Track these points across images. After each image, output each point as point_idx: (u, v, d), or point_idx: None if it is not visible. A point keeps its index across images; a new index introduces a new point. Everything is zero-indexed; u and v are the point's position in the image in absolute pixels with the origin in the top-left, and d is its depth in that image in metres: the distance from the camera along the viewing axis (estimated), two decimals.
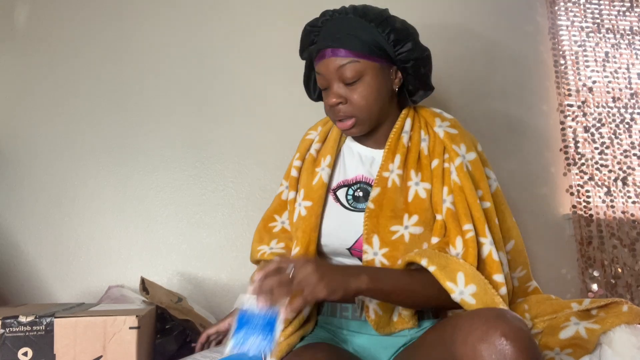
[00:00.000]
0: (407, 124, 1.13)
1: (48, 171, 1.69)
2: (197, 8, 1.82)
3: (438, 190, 1.05)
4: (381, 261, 1.01)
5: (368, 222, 1.03)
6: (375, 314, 1.00)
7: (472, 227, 0.99)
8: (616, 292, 1.80)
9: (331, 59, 1.03)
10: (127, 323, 0.92)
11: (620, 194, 1.88)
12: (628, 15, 2.01)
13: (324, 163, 1.14)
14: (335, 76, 1.04)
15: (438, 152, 1.09)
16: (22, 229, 1.65)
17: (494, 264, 0.97)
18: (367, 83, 1.04)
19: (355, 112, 1.05)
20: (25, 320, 0.87)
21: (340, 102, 1.04)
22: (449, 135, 1.10)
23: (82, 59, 1.76)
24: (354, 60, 1.02)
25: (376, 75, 1.05)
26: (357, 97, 1.04)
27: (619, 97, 1.94)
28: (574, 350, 0.86)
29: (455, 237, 0.99)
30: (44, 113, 1.72)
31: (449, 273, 0.91)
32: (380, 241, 1.02)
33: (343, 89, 1.04)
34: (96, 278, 1.64)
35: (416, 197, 1.05)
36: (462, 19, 1.93)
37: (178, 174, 1.73)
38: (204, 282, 1.68)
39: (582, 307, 0.93)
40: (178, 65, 1.78)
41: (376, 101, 1.06)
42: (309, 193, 1.12)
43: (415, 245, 1.01)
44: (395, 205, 1.04)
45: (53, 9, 1.77)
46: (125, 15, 1.79)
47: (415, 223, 1.03)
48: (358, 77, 1.03)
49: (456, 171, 1.05)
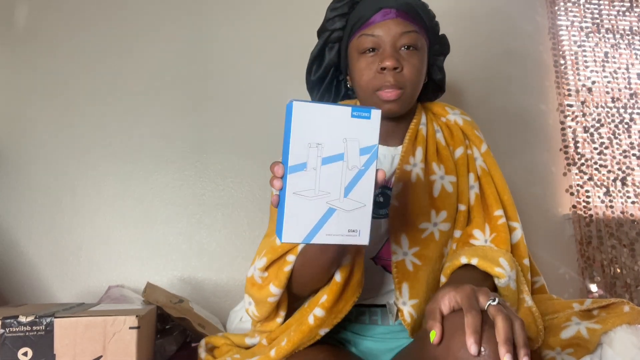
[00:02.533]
0: (423, 117, 1.09)
1: (48, 171, 1.68)
2: (198, 8, 1.82)
3: (463, 179, 1.02)
4: (412, 261, 0.96)
5: (394, 221, 0.97)
6: (411, 317, 0.95)
7: (502, 212, 0.97)
8: (615, 292, 1.80)
9: (397, 20, 0.96)
10: (127, 323, 0.92)
11: (620, 194, 1.88)
12: (628, 15, 2.01)
13: None
14: (394, 40, 0.96)
15: (459, 139, 1.06)
16: (22, 229, 1.65)
17: (525, 249, 0.98)
18: (420, 58, 0.99)
19: (406, 83, 0.97)
20: (25, 320, 0.87)
21: (398, 67, 0.95)
22: (468, 122, 1.08)
23: (82, 58, 1.75)
24: (417, 31, 0.98)
25: (425, 55, 1.01)
26: (411, 68, 0.97)
27: (619, 97, 1.94)
28: (575, 350, 0.86)
29: (483, 224, 0.97)
30: (44, 113, 1.72)
31: (492, 260, 0.89)
32: (409, 240, 0.97)
33: (400, 56, 0.97)
34: (96, 278, 1.64)
35: (443, 192, 1.00)
36: (461, 19, 1.93)
37: (178, 174, 1.73)
38: (203, 282, 1.68)
39: (584, 307, 0.93)
40: (178, 65, 1.78)
41: (420, 80, 1.00)
42: None
43: (444, 242, 0.98)
44: (421, 201, 0.99)
45: (53, 8, 1.77)
46: (125, 15, 1.79)
47: (444, 219, 0.98)
48: (416, 47, 0.98)
49: (482, 157, 1.04)
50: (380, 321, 1.02)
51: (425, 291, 0.95)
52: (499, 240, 0.95)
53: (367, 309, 1.02)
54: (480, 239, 0.96)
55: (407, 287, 0.95)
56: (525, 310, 0.90)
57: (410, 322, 0.95)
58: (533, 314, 0.89)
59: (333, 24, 1.05)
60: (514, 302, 0.90)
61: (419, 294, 0.95)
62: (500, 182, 1.02)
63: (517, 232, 0.99)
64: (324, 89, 1.15)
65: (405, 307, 0.95)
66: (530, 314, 0.89)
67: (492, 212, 0.98)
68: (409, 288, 0.95)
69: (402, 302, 0.95)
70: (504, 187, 1.01)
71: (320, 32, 1.10)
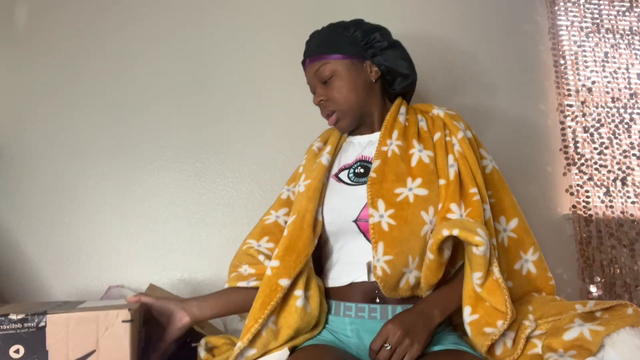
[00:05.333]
0: (402, 109, 1.23)
1: (48, 171, 1.68)
2: (198, 8, 1.81)
3: (442, 157, 1.12)
4: (387, 222, 1.04)
5: (371, 188, 1.08)
6: (383, 271, 1.03)
7: (476, 190, 1.06)
8: (615, 292, 1.80)
9: (309, 67, 1.20)
10: (120, 317, 0.91)
11: (620, 194, 1.88)
12: (627, 15, 2.01)
13: (325, 151, 1.23)
14: (315, 80, 1.19)
15: (438, 126, 1.18)
16: (22, 229, 1.64)
17: (492, 229, 1.06)
18: (340, 78, 1.17)
19: (335, 106, 1.18)
20: (15, 317, 0.87)
21: (322, 99, 1.19)
22: (448, 115, 1.20)
23: (82, 58, 1.75)
24: (324, 62, 1.17)
25: (348, 70, 1.17)
26: (334, 93, 1.17)
27: (619, 97, 1.94)
28: (578, 352, 0.86)
29: (459, 199, 1.06)
30: (44, 113, 1.71)
31: (471, 230, 0.96)
32: (385, 203, 1.06)
33: (323, 89, 1.19)
34: (96, 278, 1.64)
35: (420, 162, 1.12)
36: (461, 19, 1.93)
37: (178, 174, 1.73)
38: (203, 282, 1.68)
39: (587, 309, 0.93)
40: (178, 65, 1.78)
41: (351, 93, 1.17)
42: (309, 175, 1.19)
43: (421, 206, 1.06)
44: (398, 170, 1.10)
45: (53, 8, 1.76)
46: (126, 16, 1.79)
47: (420, 185, 1.08)
48: (331, 75, 1.17)
49: (459, 143, 1.14)
50: (380, 317, 1.05)
51: (400, 249, 1.03)
52: (474, 214, 1.03)
53: (366, 305, 1.06)
54: (457, 212, 1.04)
55: (382, 245, 1.03)
56: (493, 282, 0.98)
57: (381, 276, 1.02)
58: (500, 285, 0.98)
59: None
60: (485, 270, 0.98)
61: (393, 251, 1.03)
62: (474, 166, 1.11)
63: (486, 212, 1.06)
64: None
65: (378, 263, 1.03)
66: (498, 286, 0.98)
67: (468, 190, 1.07)
68: (383, 246, 1.03)
69: (376, 260, 1.03)
70: (477, 170, 1.10)
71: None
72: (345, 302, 1.09)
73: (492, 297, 0.97)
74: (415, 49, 1.88)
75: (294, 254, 1.07)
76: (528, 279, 1.13)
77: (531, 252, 1.14)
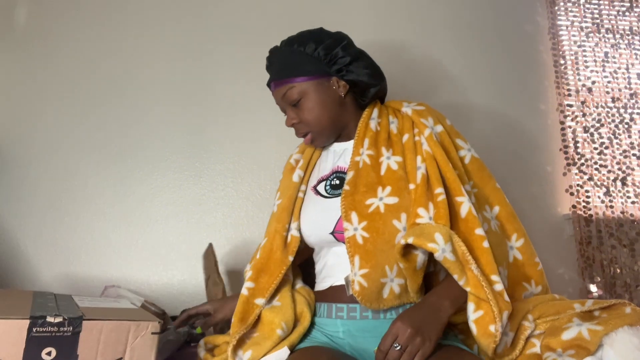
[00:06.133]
0: (374, 113, 1.22)
1: (48, 171, 1.68)
2: (198, 8, 1.82)
3: (411, 160, 1.11)
4: (362, 235, 1.04)
5: (344, 201, 1.09)
6: (360, 286, 1.02)
7: (442, 190, 1.04)
8: (615, 292, 1.80)
9: (275, 91, 1.18)
10: (151, 328, 0.95)
11: (620, 194, 1.88)
12: (627, 15, 2.01)
13: (298, 167, 1.26)
14: (284, 103, 1.18)
15: (407, 127, 1.17)
16: (22, 229, 1.65)
17: (475, 220, 1.02)
18: (309, 100, 1.15)
19: (308, 128, 1.18)
20: (53, 320, 0.88)
21: (294, 122, 1.19)
22: (416, 112, 1.18)
23: (81, 58, 1.75)
24: (290, 86, 1.15)
25: (316, 90, 1.15)
26: (305, 115, 1.16)
27: (619, 97, 1.94)
28: (576, 351, 0.86)
29: (427, 202, 1.04)
30: (44, 112, 1.72)
31: (427, 236, 0.97)
32: (358, 216, 1.06)
33: (293, 111, 1.18)
34: (96, 278, 1.64)
35: (388, 170, 1.11)
36: (461, 19, 1.93)
37: (178, 174, 1.73)
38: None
39: (585, 308, 0.93)
40: (178, 65, 1.78)
41: (323, 112, 1.16)
42: (283, 193, 1.23)
43: (392, 215, 1.05)
44: (368, 180, 1.10)
45: (52, 7, 1.77)
46: (125, 15, 1.79)
47: (389, 193, 1.07)
48: (299, 98, 1.15)
49: (427, 141, 1.12)
50: (371, 316, 1.06)
51: (375, 262, 1.02)
52: (438, 216, 1.02)
53: (358, 306, 1.07)
54: (425, 216, 1.03)
55: (358, 258, 1.03)
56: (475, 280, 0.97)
57: (359, 291, 1.02)
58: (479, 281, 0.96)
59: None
60: (457, 272, 0.97)
61: (369, 264, 1.02)
62: (442, 162, 1.09)
63: (464, 205, 1.04)
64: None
65: (356, 277, 1.02)
66: (478, 282, 0.97)
67: (434, 190, 1.05)
68: (359, 259, 1.03)
69: (354, 274, 1.03)
70: (446, 165, 1.08)
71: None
72: (336, 304, 1.09)
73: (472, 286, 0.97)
74: (415, 48, 1.89)
75: (266, 276, 1.13)
76: (516, 267, 1.10)
77: (514, 238, 1.12)
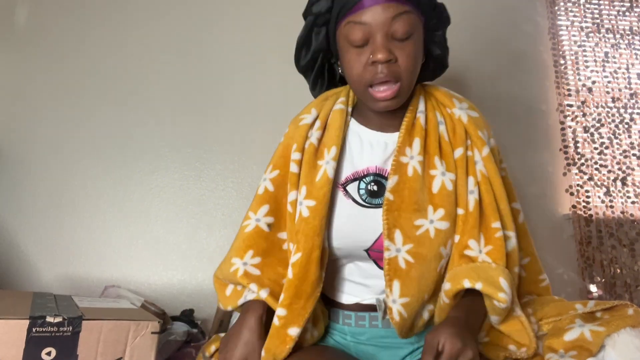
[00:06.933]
0: (420, 104, 1.01)
1: (48, 171, 1.68)
2: (198, 8, 1.81)
3: (462, 180, 0.95)
4: (405, 258, 0.90)
5: (388, 215, 0.91)
6: (400, 316, 0.90)
7: (500, 225, 0.93)
8: (615, 292, 1.80)
9: (385, 4, 0.87)
10: (150, 328, 0.94)
11: (620, 194, 1.88)
12: (628, 15, 2.01)
13: (329, 155, 0.97)
14: (385, 28, 0.88)
15: (460, 139, 0.99)
16: (22, 229, 1.64)
17: (517, 257, 0.95)
18: (415, 42, 0.91)
19: (401, 75, 0.90)
20: (53, 320, 0.88)
21: (391, 59, 0.89)
22: (473, 120, 1.01)
23: (82, 58, 1.75)
24: (409, 10, 0.89)
25: (421, 37, 0.93)
26: (406, 58, 0.89)
27: (619, 97, 1.94)
28: (578, 353, 0.86)
29: (478, 234, 0.92)
30: (44, 112, 1.71)
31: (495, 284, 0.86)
32: (403, 236, 0.91)
33: (395, 46, 0.89)
34: (96, 278, 1.64)
35: (443, 189, 0.94)
36: (461, 19, 1.93)
37: (178, 174, 1.73)
38: (203, 282, 1.68)
39: (587, 309, 0.93)
40: (178, 65, 1.78)
41: (416, 68, 0.93)
42: (312, 191, 0.95)
43: (441, 241, 0.92)
44: (418, 196, 0.93)
45: (53, 7, 1.76)
46: (125, 15, 1.79)
47: (442, 217, 0.92)
48: (410, 33, 0.89)
49: (483, 161, 0.97)
50: (381, 325, 1.00)
51: (417, 290, 0.91)
52: (496, 256, 0.90)
53: (367, 314, 1.00)
54: (475, 249, 0.92)
55: (398, 284, 0.90)
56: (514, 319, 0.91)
57: (399, 321, 0.90)
58: (522, 323, 0.90)
59: (318, 6, 0.96)
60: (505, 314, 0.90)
61: (410, 292, 0.90)
62: (498, 190, 0.96)
63: (510, 241, 0.94)
64: (315, 74, 1.10)
65: (394, 305, 0.90)
66: (520, 322, 0.91)
67: (490, 224, 0.93)
68: (400, 286, 0.90)
69: (391, 300, 0.90)
70: (502, 195, 0.96)
71: (305, 15, 1.01)
72: (344, 311, 1.03)
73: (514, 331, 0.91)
74: None
75: (302, 300, 0.91)
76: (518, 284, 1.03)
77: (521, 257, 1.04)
